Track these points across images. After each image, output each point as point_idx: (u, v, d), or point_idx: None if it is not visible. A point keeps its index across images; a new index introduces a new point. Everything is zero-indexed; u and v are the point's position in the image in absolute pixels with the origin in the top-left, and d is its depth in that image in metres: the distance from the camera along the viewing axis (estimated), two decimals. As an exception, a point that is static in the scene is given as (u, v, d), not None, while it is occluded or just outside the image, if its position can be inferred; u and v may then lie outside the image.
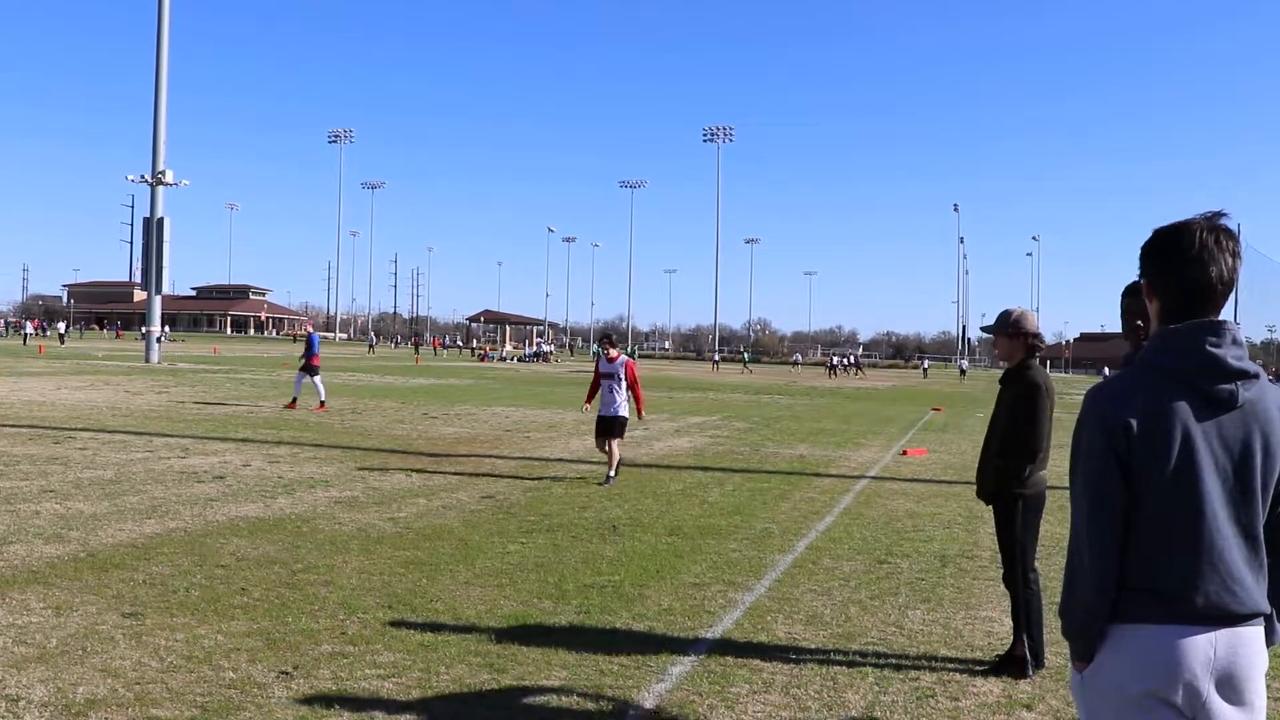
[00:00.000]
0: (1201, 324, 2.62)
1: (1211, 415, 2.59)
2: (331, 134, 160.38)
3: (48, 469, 12.79)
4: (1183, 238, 2.65)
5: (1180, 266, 2.65)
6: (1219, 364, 2.59)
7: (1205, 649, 2.55)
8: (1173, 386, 2.61)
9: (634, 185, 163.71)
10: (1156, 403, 2.61)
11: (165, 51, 52.74)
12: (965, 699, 5.60)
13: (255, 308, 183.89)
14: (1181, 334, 2.63)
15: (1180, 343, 2.63)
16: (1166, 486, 2.59)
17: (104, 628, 6.25)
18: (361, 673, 5.61)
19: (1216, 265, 2.62)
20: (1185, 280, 2.64)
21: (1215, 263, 2.62)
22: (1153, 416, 2.60)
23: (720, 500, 12.47)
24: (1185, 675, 2.54)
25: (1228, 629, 2.57)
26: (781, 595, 7.75)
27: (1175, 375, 2.62)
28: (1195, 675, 2.54)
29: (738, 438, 21.39)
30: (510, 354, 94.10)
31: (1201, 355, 2.60)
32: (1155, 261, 2.71)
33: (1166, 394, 2.61)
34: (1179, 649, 2.55)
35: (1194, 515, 2.58)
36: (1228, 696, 2.57)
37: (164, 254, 52.32)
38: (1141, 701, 2.58)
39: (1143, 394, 2.63)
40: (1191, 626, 2.56)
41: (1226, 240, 2.64)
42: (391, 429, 20.34)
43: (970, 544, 10.06)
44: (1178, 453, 2.58)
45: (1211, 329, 2.61)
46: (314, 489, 12.10)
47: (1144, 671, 2.57)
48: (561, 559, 8.72)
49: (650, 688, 5.55)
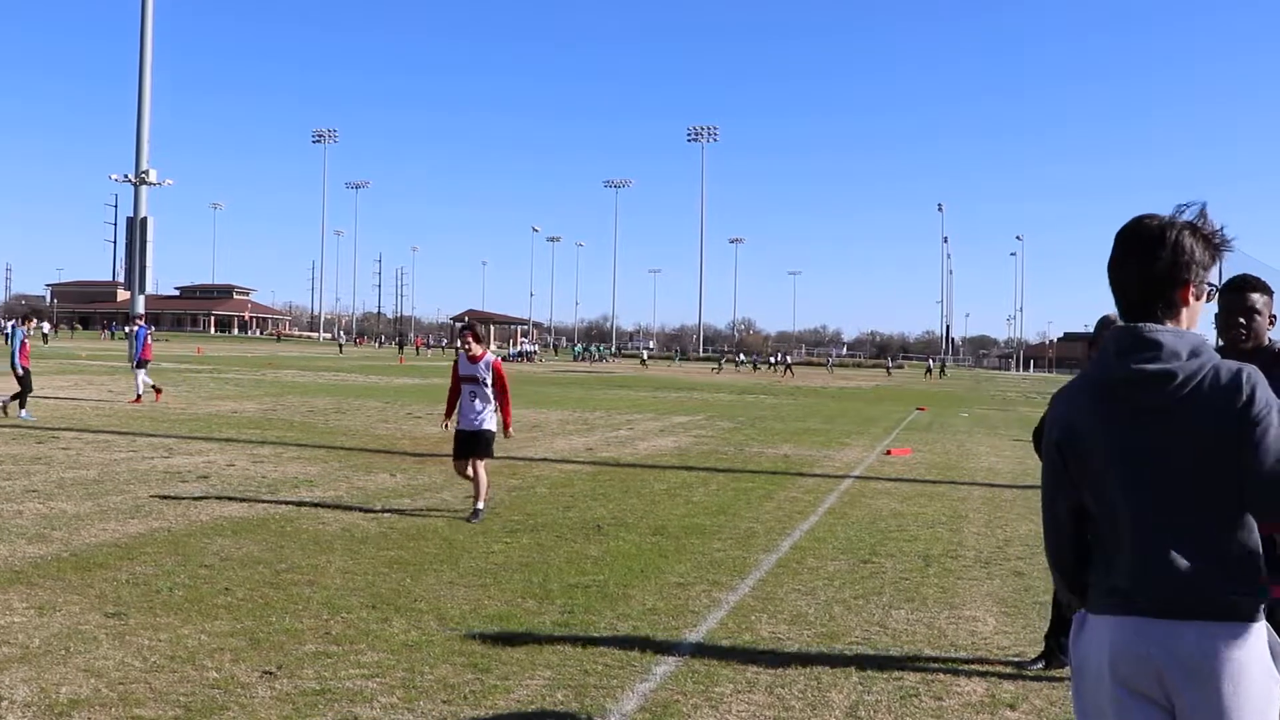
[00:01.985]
0: (1119, 330, 2.64)
1: (1141, 417, 2.57)
2: (315, 133, 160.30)
3: (31, 469, 12.73)
4: (1147, 232, 2.65)
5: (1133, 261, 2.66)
6: (1135, 373, 2.57)
7: (1164, 640, 2.53)
8: (1102, 390, 2.64)
9: (618, 185, 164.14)
10: (1085, 407, 2.65)
11: (149, 50, 52.49)
12: (949, 698, 5.63)
13: (239, 307, 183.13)
14: (1114, 337, 2.66)
15: (1109, 346, 2.65)
16: (1102, 488, 2.61)
17: (87, 627, 6.23)
18: (345, 672, 5.61)
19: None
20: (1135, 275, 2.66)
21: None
22: (1081, 421, 2.64)
23: (705, 500, 12.48)
24: (1152, 666, 2.54)
25: (1186, 622, 2.52)
26: (766, 595, 7.77)
27: (1101, 380, 2.64)
28: (1162, 666, 2.52)
29: (722, 437, 21.42)
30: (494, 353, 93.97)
31: (1117, 365, 2.61)
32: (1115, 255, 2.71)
33: (1095, 398, 2.64)
34: (1140, 639, 2.55)
35: (1131, 515, 2.57)
36: (1200, 689, 2.51)
37: (148, 253, 52.03)
38: (1116, 691, 2.59)
39: (1077, 397, 2.69)
40: (1150, 619, 2.55)
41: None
42: (375, 429, 20.31)
43: (954, 543, 10.10)
44: (1106, 455, 2.60)
45: (1125, 334, 2.62)
46: (298, 488, 12.08)
47: (1117, 661, 2.58)
48: (546, 559, 8.73)
49: (634, 687, 5.56)
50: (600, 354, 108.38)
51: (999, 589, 8.23)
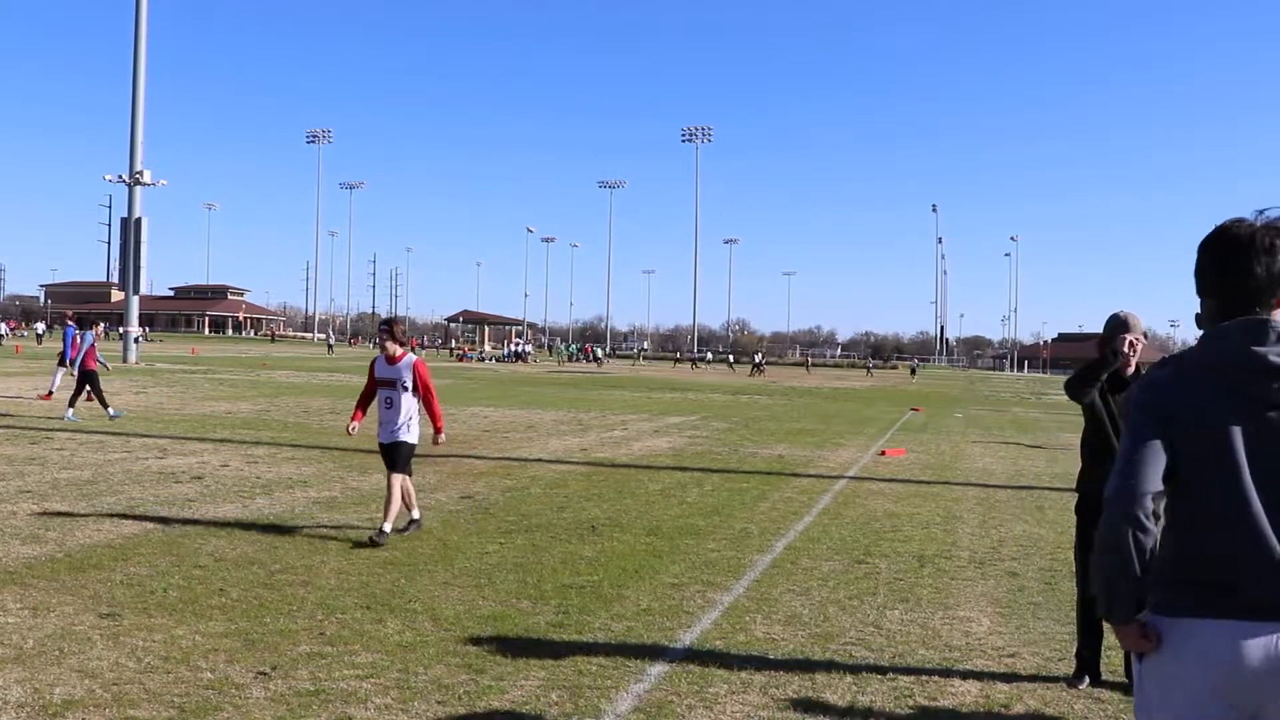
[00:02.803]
0: (1247, 322, 2.63)
1: (1257, 411, 2.58)
2: (310, 134, 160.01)
3: (25, 469, 12.71)
4: (1243, 237, 2.66)
5: (1239, 264, 2.65)
6: (1263, 361, 2.57)
7: (1265, 645, 2.50)
8: (1214, 382, 2.63)
9: (613, 185, 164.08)
10: (1199, 399, 2.63)
11: (143, 50, 52.45)
12: (943, 699, 5.64)
13: (233, 308, 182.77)
14: (1229, 332, 2.64)
15: (1227, 340, 2.64)
16: (1208, 482, 2.60)
17: (81, 628, 6.22)
18: (340, 673, 5.61)
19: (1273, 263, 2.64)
20: (1242, 278, 2.66)
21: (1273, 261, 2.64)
22: (1194, 413, 2.63)
23: (699, 500, 12.49)
24: (1245, 673, 2.51)
25: None
26: (760, 595, 7.78)
27: (1218, 372, 2.64)
28: (1255, 673, 2.50)
29: (716, 438, 21.43)
30: (488, 354, 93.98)
31: (1245, 353, 2.60)
32: (1215, 258, 2.71)
33: (1209, 390, 2.63)
34: (1239, 645, 2.51)
35: (1240, 511, 2.56)
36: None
37: (142, 254, 52.05)
38: (1200, 699, 2.56)
39: (1186, 389, 2.66)
40: (1250, 623, 2.52)
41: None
42: (370, 429, 20.22)
43: (948, 544, 10.11)
44: (1217, 449, 2.59)
45: (1257, 326, 2.61)
46: (292, 489, 12.07)
47: (1204, 669, 2.54)
48: (540, 559, 8.73)
49: (629, 688, 5.57)
50: (572, 353, 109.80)
51: (993, 590, 8.25)
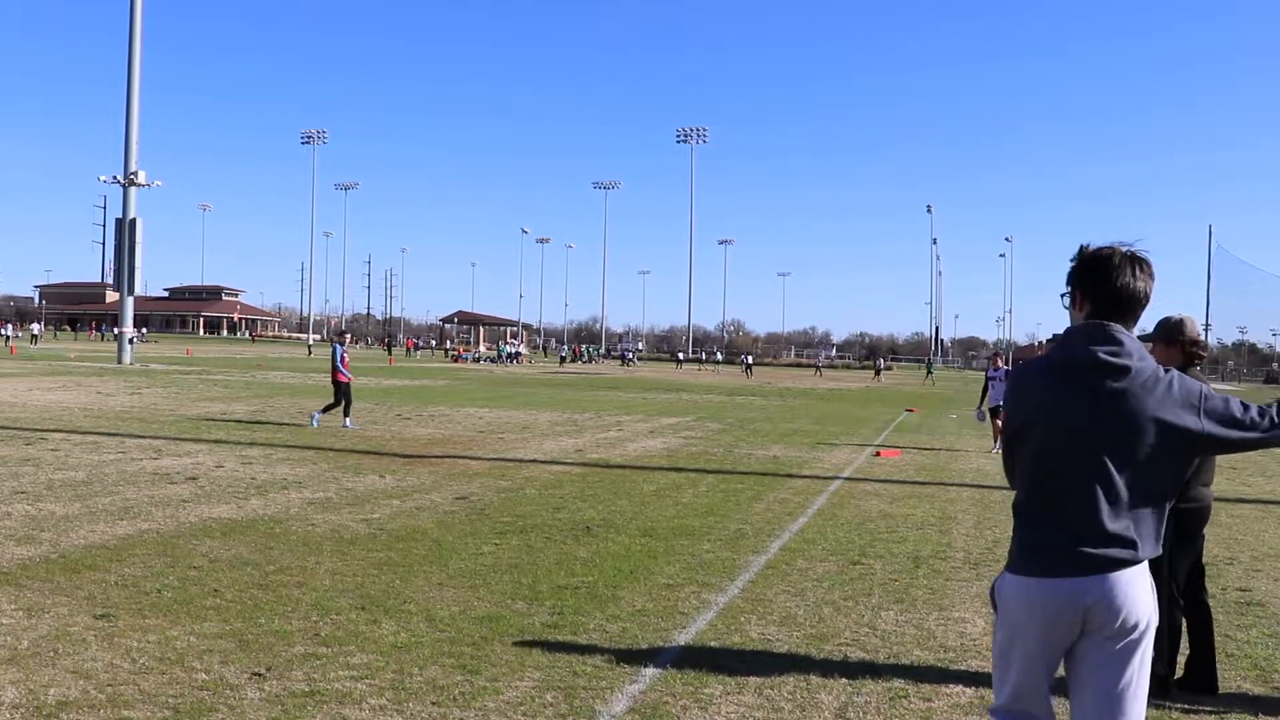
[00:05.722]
0: (1090, 325, 3.16)
1: (1085, 399, 3.10)
2: (304, 134, 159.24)
3: (19, 470, 12.69)
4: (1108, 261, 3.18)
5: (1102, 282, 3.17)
6: (1093, 358, 3.10)
7: (1079, 594, 3.07)
8: (1055, 374, 3.17)
9: (608, 186, 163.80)
10: (1037, 388, 3.21)
11: (138, 51, 52.39)
12: (938, 699, 5.65)
13: (228, 309, 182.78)
14: (1074, 333, 3.19)
15: (1071, 340, 3.18)
16: (1037, 458, 3.17)
17: (75, 629, 6.22)
18: (334, 674, 5.61)
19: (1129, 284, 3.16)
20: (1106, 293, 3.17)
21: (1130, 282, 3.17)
22: (1030, 398, 3.21)
23: (694, 501, 12.49)
24: (1064, 617, 3.10)
25: (1097, 575, 3.07)
26: (755, 596, 7.79)
27: (1060, 366, 3.18)
28: (1070, 616, 3.10)
29: (711, 439, 21.43)
30: (483, 355, 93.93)
31: (1081, 351, 3.13)
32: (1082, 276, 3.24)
33: (1047, 380, 3.18)
34: (1055, 595, 3.10)
35: (1058, 483, 3.13)
36: (1104, 633, 3.10)
37: (136, 255, 52.02)
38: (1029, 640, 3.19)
39: (1032, 379, 3.25)
40: (1064, 579, 3.09)
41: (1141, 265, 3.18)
42: (365, 430, 20.27)
43: (943, 545, 10.12)
44: (1047, 430, 3.14)
45: (1098, 330, 3.14)
46: (287, 490, 12.06)
47: (1032, 614, 3.14)
48: (535, 560, 8.73)
49: (624, 689, 5.57)
50: (567, 355, 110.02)
51: (988, 590, 8.25)
